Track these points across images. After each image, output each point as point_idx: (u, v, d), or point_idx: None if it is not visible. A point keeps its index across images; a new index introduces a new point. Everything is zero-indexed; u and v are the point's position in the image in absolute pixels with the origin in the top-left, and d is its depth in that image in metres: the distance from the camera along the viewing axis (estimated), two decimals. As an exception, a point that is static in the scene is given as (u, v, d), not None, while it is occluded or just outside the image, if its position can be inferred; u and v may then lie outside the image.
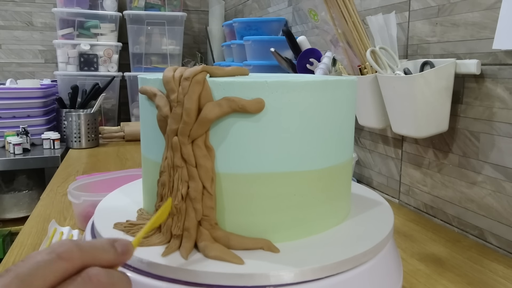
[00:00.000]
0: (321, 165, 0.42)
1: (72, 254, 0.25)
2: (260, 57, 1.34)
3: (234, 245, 0.39)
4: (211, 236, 0.39)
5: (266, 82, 0.38)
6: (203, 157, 0.39)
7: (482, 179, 0.68)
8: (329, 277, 0.36)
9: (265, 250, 0.39)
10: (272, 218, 0.40)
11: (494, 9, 0.64)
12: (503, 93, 0.64)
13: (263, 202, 0.40)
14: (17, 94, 1.55)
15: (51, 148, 1.56)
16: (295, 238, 0.41)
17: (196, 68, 0.39)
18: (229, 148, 0.39)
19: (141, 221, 0.45)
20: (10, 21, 2.07)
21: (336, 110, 0.43)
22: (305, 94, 0.39)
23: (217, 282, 0.35)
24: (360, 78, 0.80)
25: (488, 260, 0.63)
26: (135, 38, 1.97)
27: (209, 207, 0.39)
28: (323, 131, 0.42)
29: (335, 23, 0.81)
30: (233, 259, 0.36)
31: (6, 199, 1.63)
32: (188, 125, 0.38)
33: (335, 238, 0.42)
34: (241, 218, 0.40)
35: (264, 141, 0.39)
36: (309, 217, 0.42)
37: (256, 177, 0.39)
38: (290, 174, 0.40)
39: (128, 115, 2.02)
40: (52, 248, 0.25)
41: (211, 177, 0.39)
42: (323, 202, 0.43)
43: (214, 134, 0.39)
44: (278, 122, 0.39)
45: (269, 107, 0.38)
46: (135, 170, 0.85)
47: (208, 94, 0.38)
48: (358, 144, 1.02)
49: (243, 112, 0.38)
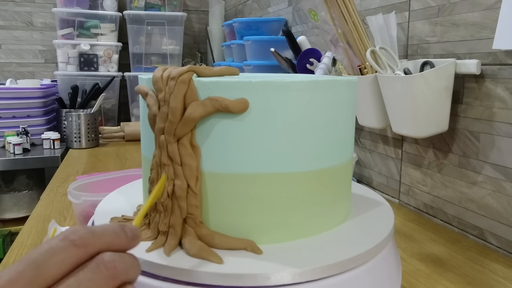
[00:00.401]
0: (311, 167, 0.41)
1: (86, 241, 0.25)
2: (260, 57, 1.34)
3: (217, 244, 0.39)
4: (195, 234, 0.39)
5: (250, 82, 0.38)
6: (188, 156, 0.39)
7: (482, 179, 0.68)
8: (329, 277, 0.36)
9: (248, 251, 0.39)
10: (257, 219, 0.40)
11: (494, 9, 0.64)
12: (503, 93, 0.64)
13: (248, 203, 0.40)
14: (17, 94, 1.55)
15: (51, 148, 1.56)
16: (282, 241, 0.41)
17: (183, 68, 0.40)
18: (214, 147, 0.39)
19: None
20: (10, 21, 2.07)
21: (330, 111, 0.42)
22: (292, 94, 0.39)
23: (197, 280, 0.35)
24: (360, 78, 0.80)
25: (488, 260, 0.63)
26: (135, 38, 1.97)
27: (193, 205, 0.39)
28: (314, 132, 0.41)
29: (335, 23, 0.81)
30: (212, 258, 0.37)
31: (6, 199, 1.63)
32: (173, 124, 0.39)
33: (335, 239, 0.42)
34: (225, 217, 0.40)
35: (249, 141, 0.39)
36: (297, 220, 0.41)
37: (240, 177, 0.39)
38: (275, 175, 0.40)
39: (128, 115, 2.02)
40: (65, 235, 0.25)
41: (195, 176, 0.39)
42: (314, 204, 0.42)
43: (199, 133, 0.39)
44: (263, 122, 0.39)
45: (253, 107, 0.38)
46: (135, 170, 0.85)
47: (193, 94, 0.39)
48: (358, 144, 1.02)
49: (227, 111, 0.38)
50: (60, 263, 0.24)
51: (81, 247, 0.25)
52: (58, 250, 0.24)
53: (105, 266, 0.25)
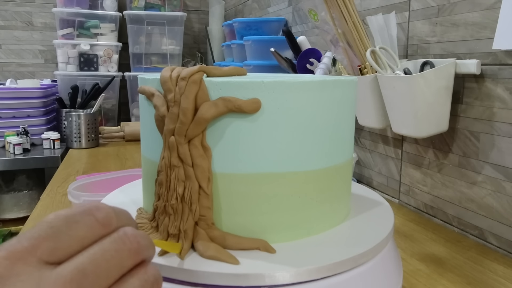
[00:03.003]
0: (320, 165, 0.42)
1: (110, 221, 0.24)
2: (260, 57, 1.34)
3: (230, 245, 0.39)
4: (207, 236, 0.39)
5: (262, 82, 0.38)
6: (199, 157, 0.39)
7: (482, 179, 0.68)
8: (329, 277, 0.36)
9: (262, 251, 0.39)
10: (269, 219, 0.40)
11: (494, 9, 0.64)
12: (503, 93, 0.64)
13: (260, 203, 0.40)
14: (17, 94, 1.55)
15: (51, 148, 1.56)
16: (293, 239, 0.41)
17: (193, 68, 0.39)
18: (225, 148, 0.39)
19: (140, 220, 0.45)
20: (10, 21, 2.07)
21: (335, 110, 0.42)
22: (303, 94, 0.39)
23: (214, 282, 0.35)
24: (360, 78, 0.80)
25: (488, 260, 0.63)
26: (135, 38, 1.97)
27: (205, 207, 0.39)
28: (322, 131, 0.41)
29: (335, 23, 0.81)
30: (228, 259, 0.36)
31: (6, 199, 1.63)
32: (185, 125, 0.38)
33: (335, 239, 0.42)
34: (238, 218, 0.40)
35: (261, 141, 0.39)
36: (307, 218, 0.42)
37: (252, 177, 0.39)
38: (287, 174, 0.40)
39: (128, 115, 2.02)
40: (90, 210, 0.24)
41: (207, 177, 0.39)
42: (322, 202, 0.43)
43: (211, 134, 0.39)
44: (275, 122, 0.39)
45: (265, 107, 0.38)
46: (135, 170, 0.85)
47: (204, 94, 0.38)
48: (358, 144, 1.02)
49: (239, 112, 0.38)
50: (82, 239, 0.23)
51: (105, 226, 0.24)
52: (83, 225, 0.23)
53: (129, 240, 0.24)
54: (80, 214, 0.24)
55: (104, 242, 0.24)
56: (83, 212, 0.24)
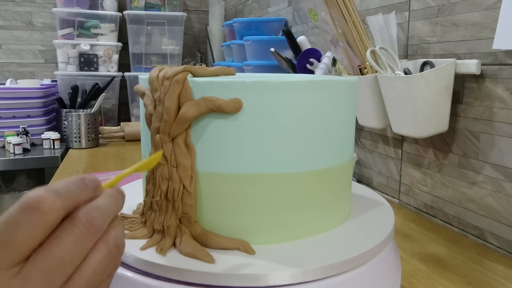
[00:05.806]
0: (307, 168, 0.41)
1: (52, 205, 0.23)
2: (260, 57, 1.34)
3: (211, 244, 0.39)
4: (190, 233, 0.40)
5: (244, 82, 0.38)
6: (182, 155, 0.39)
7: (482, 179, 0.68)
8: (329, 277, 0.36)
9: (241, 251, 0.39)
10: (251, 220, 0.40)
11: (494, 9, 0.64)
12: (503, 93, 0.64)
13: (242, 203, 0.40)
14: (17, 94, 1.55)
15: (51, 148, 1.56)
16: (278, 241, 0.41)
17: (178, 68, 0.40)
18: (208, 147, 0.39)
19: (135, 215, 0.45)
20: (10, 21, 2.07)
21: (326, 112, 0.42)
22: (287, 94, 0.39)
23: (195, 280, 0.35)
24: (360, 78, 0.80)
25: (488, 260, 0.63)
26: (135, 38, 1.96)
27: (188, 205, 0.39)
28: (309, 133, 0.41)
29: (335, 23, 0.81)
30: (204, 257, 0.37)
31: (6, 199, 1.63)
32: (168, 124, 0.39)
33: (335, 239, 0.42)
34: (220, 217, 0.40)
35: (243, 142, 0.39)
36: (293, 221, 0.41)
37: (235, 177, 0.39)
38: (269, 176, 0.40)
39: (128, 115, 2.02)
40: (28, 204, 0.23)
41: (190, 176, 0.39)
42: (311, 205, 0.42)
43: (194, 133, 0.39)
44: (256, 122, 0.39)
45: (247, 107, 0.38)
46: (135, 170, 0.85)
47: (188, 94, 0.39)
48: (358, 144, 1.02)
49: (220, 111, 0.38)
50: (29, 236, 0.23)
51: (49, 213, 0.23)
52: (23, 224, 0.22)
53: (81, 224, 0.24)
54: (18, 214, 0.23)
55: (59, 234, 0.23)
56: (21, 209, 0.23)
